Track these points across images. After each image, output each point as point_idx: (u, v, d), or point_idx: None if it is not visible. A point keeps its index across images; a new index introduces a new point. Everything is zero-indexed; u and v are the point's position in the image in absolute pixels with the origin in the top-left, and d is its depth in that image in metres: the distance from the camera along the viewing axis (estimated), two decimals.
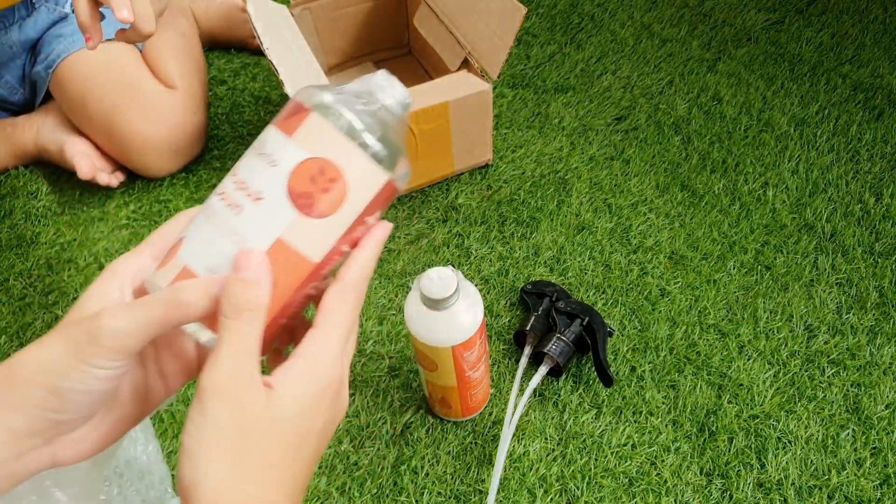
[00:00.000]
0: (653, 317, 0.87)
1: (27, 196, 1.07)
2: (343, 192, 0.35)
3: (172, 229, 0.39)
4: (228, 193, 0.35)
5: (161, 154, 1.04)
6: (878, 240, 0.94)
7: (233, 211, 0.35)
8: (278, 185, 0.35)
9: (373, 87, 0.37)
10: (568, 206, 1.00)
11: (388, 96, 0.37)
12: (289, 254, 0.35)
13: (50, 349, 0.34)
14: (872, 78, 1.15)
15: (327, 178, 0.35)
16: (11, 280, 0.96)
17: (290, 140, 0.35)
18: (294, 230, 0.35)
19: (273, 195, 0.35)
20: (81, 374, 0.33)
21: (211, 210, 0.36)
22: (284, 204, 0.35)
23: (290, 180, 0.35)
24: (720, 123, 1.10)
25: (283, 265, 0.35)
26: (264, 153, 0.36)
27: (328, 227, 0.36)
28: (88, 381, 0.33)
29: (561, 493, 0.73)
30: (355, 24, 1.19)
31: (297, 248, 0.35)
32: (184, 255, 0.35)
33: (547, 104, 1.16)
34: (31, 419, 0.34)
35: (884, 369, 0.81)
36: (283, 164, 0.35)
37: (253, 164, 0.36)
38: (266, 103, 1.20)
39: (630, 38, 1.27)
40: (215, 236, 0.35)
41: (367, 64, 1.24)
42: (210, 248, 0.35)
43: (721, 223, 0.97)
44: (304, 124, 0.35)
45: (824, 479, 0.73)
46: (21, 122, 1.10)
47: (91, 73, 1.03)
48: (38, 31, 1.08)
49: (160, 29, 1.15)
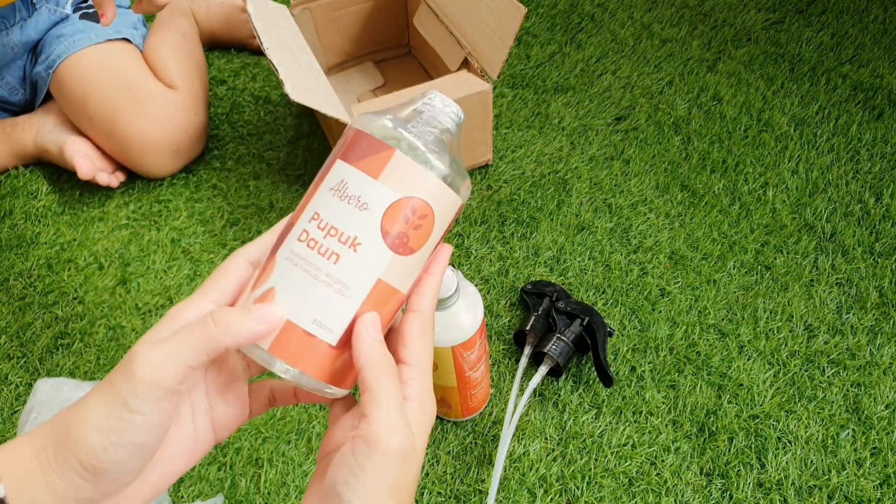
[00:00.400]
0: (653, 317, 0.87)
1: (27, 196, 1.07)
2: (431, 225, 0.37)
3: (228, 274, 0.38)
4: (318, 240, 0.35)
5: (161, 154, 1.04)
6: (878, 240, 0.94)
7: (329, 259, 0.35)
8: (373, 228, 0.35)
9: (437, 114, 0.38)
10: (568, 206, 1.00)
11: (449, 120, 0.38)
12: (386, 291, 0.36)
13: (91, 404, 0.33)
14: (872, 78, 1.15)
15: (418, 216, 0.36)
16: (11, 280, 0.96)
17: (378, 183, 0.35)
18: (391, 269, 0.36)
19: (369, 240, 0.35)
20: (121, 425, 0.32)
21: (300, 258, 0.35)
22: (380, 246, 0.35)
23: (383, 222, 0.35)
24: (720, 123, 1.10)
25: (382, 302, 0.36)
26: (350, 196, 0.35)
27: (417, 260, 0.37)
28: (129, 433, 0.32)
29: (561, 494, 0.73)
30: (355, 23, 1.19)
31: (393, 285, 0.36)
32: (281, 308, 0.35)
33: (547, 104, 1.16)
34: (75, 486, 0.33)
35: (884, 369, 0.81)
36: (375, 208, 0.35)
37: (338, 207, 0.35)
38: (266, 103, 1.20)
39: (630, 38, 1.27)
40: (315, 287, 0.35)
41: (367, 64, 1.24)
42: (312, 300, 0.35)
43: (721, 223, 0.97)
44: (389, 164, 0.35)
45: (824, 479, 0.73)
46: (21, 122, 1.10)
47: (91, 73, 1.03)
48: (38, 32, 1.08)
49: (160, 29, 1.15)
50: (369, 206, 0.35)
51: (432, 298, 0.38)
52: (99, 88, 1.02)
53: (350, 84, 1.21)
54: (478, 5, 0.94)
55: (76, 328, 0.91)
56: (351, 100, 1.18)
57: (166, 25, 1.17)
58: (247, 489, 0.75)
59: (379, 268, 0.35)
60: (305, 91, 0.86)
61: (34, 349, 0.89)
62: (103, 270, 0.97)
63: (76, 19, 1.08)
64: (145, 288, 0.95)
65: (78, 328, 0.91)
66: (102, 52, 1.06)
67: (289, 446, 0.78)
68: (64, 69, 1.04)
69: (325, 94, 0.91)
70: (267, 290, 0.35)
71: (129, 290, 0.95)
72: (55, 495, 0.33)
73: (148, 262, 0.98)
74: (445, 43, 1.03)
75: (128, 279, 0.96)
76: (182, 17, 1.20)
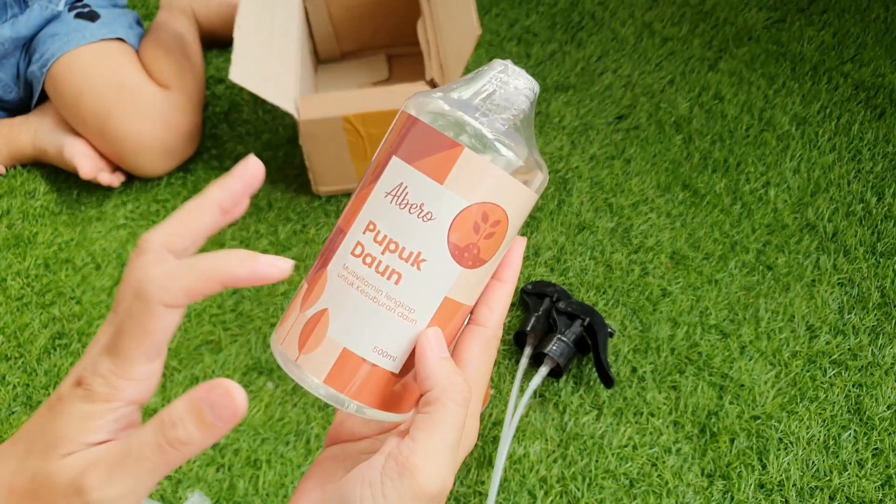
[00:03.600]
0: (654, 317, 0.86)
1: (25, 196, 1.07)
2: (505, 231, 0.32)
3: (152, 333, 0.29)
4: (376, 256, 0.31)
5: (153, 154, 1.04)
6: (879, 239, 0.93)
7: (390, 280, 0.31)
8: (440, 242, 0.31)
9: (510, 93, 0.32)
10: (568, 205, 1.00)
11: (523, 98, 0.32)
12: (453, 307, 0.32)
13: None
14: (874, 77, 1.14)
15: (491, 223, 0.31)
16: (9, 280, 0.96)
17: (443, 188, 0.30)
18: (459, 285, 0.32)
19: (436, 256, 0.31)
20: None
21: (356, 277, 0.31)
22: (448, 262, 0.31)
23: (450, 235, 0.31)
24: (721, 122, 1.10)
25: (447, 318, 0.32)
26: (411, 204, 0.31)
27: (487, 270, 0.33)
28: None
29: (561, 495, 0.73)
30: (369, 14, 1.19)
31: (460, 300, 0.32)
32: (336, 334, 0.31)
33: (547, 103, 1.15)
34: None
35: (885, 370, 0.81)
36: (442, 218, 0.30)
37: (397, 217, 0.31)
38: (264, 102, 1.20)
39: (631, 37, 1.26)
40: (376, 311, 0.31)
41: (379, 56, 1.24)
42: (372, 326, 0.31)
43: (722, 223, 0.96)
44: (457, 166, 0.30)
45: (826, 480, 0.73)
46: (18, 123, 1.10)
47: (85, 72, 1.03)
48: (30, 29, 1.07)
49: (157, 29, 1.15)
50: (434, 216, 0.30)
51: (502, 311, 0.34)
52: (92, 87, 1.02)
53: (353, 74, 1.22)
54: (447, 21, 0.94)
55: (74, 328, 0.90)
56: (348, 86, 1.19)
57: (164, 25, 1.16)
58: (245, 490, 0.75)
59: (446, 286, 0.31)
60: (253, 75, 0.85)
61: (32, 349, 0.88)
62: (101, 270, 0.97)
63: (71, 18, 1.08)
64: None
65: (76, 328, 0.90)
66: (96, 51, 1.05)
67: (287, 447, 0.78)
68: (58, 68, 1.04)
69: (279, 82, 0.91)
70: (319, 312, 0.31)
71: None
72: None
73: None
74: (429, 51, 1.03)
75: None
76: (182, 15, 1.19)
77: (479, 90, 0.32)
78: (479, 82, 0.33)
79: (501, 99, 0.32)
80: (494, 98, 0.32)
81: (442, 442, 0.30)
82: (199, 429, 0.28)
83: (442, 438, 0.30)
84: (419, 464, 0.29)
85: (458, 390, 0.30)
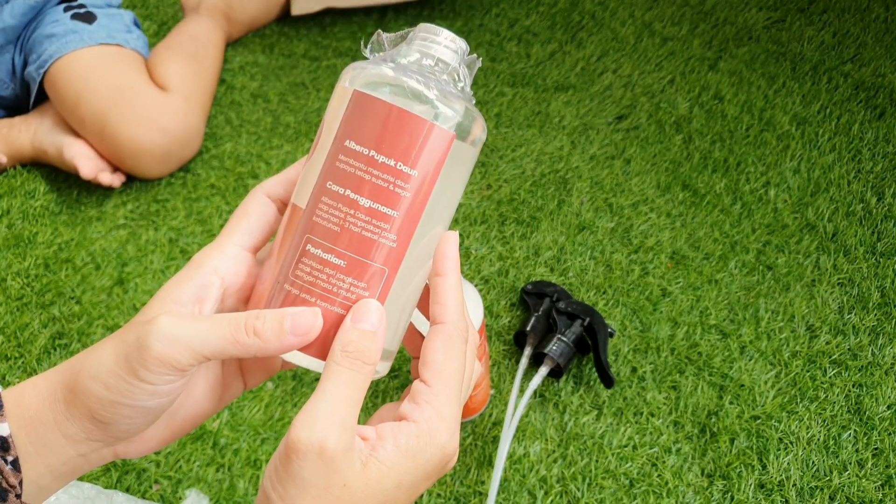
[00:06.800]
0: (654, 317, 0.86)
1: (25, 195, 1.07)
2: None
3: (249, 213, 0.36)
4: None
5: (151, 157, 1.03)
6: (879, 239, 0.93)
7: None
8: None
9: (441, 53, 0.34)
10: (568, 205, 1.00)
11: (452, 53, 0.35)
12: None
13: (102, 358, 0.32)
14: (874, 77, 1.14)
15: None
16: (9, 280, 0.96)
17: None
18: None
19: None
20: (129, 388, 0.31)
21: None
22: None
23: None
24: (721, 122, 1.10)
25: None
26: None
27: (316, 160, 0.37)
28: (137, 397, 0.32)
29: (561, 495, 0.73)
30: None
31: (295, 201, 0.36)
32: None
33: (547, 103, 1.15)
34: (87, 429, 0.33)
35: (886, 370, 0.81)
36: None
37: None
38: (265, 102, 1.20)
39: (631, 37, 1.26)
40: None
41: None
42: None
43: (722, 223, 0.96)
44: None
45: (826, 480, 0.73)
46: (17, 123, 1.10)
47: (84, 74, 1.03)
48: (16, 18, 1.06)
49: (173, 32, 1.16)
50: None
51: (455, 304, 0.34)
52: (91, 90, 1.02)
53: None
54: None
55: (74, 328, 0.90)
56: None
57: (180, 27, 1.18)
58: (245, 490, 0.75)
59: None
60: None
61: (32, 349, 0.88)
62: (101, 270, 0.97)
63: (67, 18, 1.07)
64: (143, 288, 0.94)
65: (75, 328, 0.90)
66: (95, 54, 1.05)
67: None
68: (56, 71, 1.03)
69: None
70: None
71: (126, 290, 0.94)
72: (66, 436, 0.33)
73: (146, 262, 0.97)
74: None
75: (125, 279, 0.95)
76: (208, 17, 1.20)
77: (414, 54, 0.34)
78: (412, 47, 0.35)
79: (435, 60, 0.34)
80: (428, 59, 0.34)
81: (349, 400, 0.32)
82: (274, 331, 0.31)
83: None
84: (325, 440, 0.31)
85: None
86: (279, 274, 0.34)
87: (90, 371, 0.32)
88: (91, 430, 0.33)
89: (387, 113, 0.33)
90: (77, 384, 0.32)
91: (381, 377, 0.36)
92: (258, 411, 0.80)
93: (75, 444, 0.33)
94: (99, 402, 0.32)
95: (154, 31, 1.32)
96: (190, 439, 0.78)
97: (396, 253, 0.33)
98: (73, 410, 0.32)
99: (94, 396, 0.32)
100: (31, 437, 0.33)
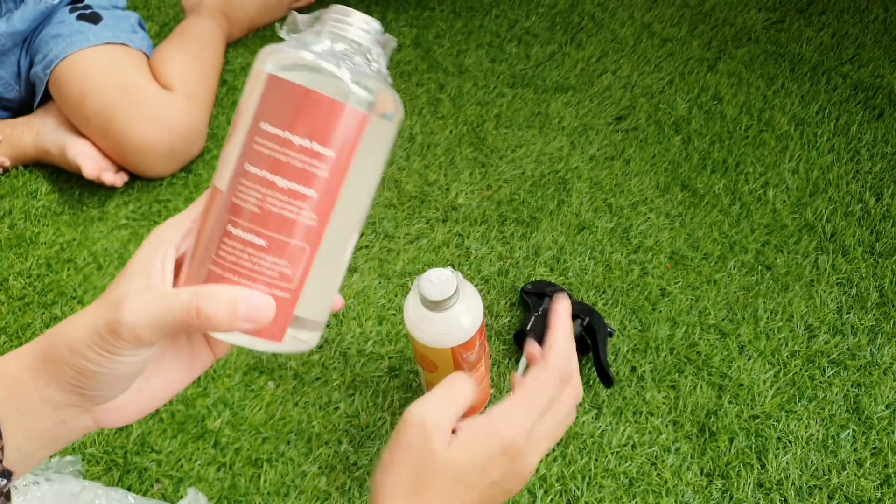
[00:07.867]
0: (653, 317, 0.87)
1: (27, 196, 1.07)
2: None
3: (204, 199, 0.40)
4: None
5: (156, 156, 1.04)
6: (878, 240, 0.93)
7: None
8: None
9: (353, 34, 0.35)
10: (568, 205, 1.00)
11: (364, 33, 0.36)
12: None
13: (76, 329, 0.35)
14: (873, 78, 1.15)
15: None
16: (11, 279, 0.96)
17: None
18: None
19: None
20: (102, 359, 0.34)
21: None
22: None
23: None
24: (721, 123, 1.10)
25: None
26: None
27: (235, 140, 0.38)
28: (110, 366, 0.34)
29: (561, 494, 0.73)
30: None
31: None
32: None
33: (547, 104, 1.16)
34: (65, 393, 0.35)
35: (884, 369, 0.81)
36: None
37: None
38: None
39: (630, 38, 1.27)
40: None
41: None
42: None
43: (721, 223, 0.97)
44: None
45: (824, 480, 0.73)
46: (20, 123, 1.10)
47: (89, 74, 1.03)
48: (26, 23, 1.07)
49: (175, 32, 1.17)
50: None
51: (560, 349, 0.47)
52: (96, 89, 1.02)
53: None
54: None
55: None
56: None
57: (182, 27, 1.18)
58: (246, 489, 0.75)
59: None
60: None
61: None
62: (102, 270, 0.97)
63: (73, 19, 1.08)
64: None
65: None
66: (100, 53, 1.05)
67: (288, 446, 0.78)
68: (61, 70, 1.04)
69: None
70: None
71: None
72: (46, 400, 0.35)
73: None
74: None
75: None
76: (208, 17, 1.20)
77: (326, 36, 0.35)
78: (325, 29, 0.35)
79: (347, 41, 0.35)
80: (340, 41, 0.35)
81: (454, 401, 0.44)
82: (226, 315, 0.33)
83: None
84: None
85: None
86: (203, 255, 0.35)
87: (67, 342, 0.35)
88: (70, 396, 0.35)
89: (300, 95, 0.33)
90: (55, 354, 0.35)
91: (311, 348, 0.39)
92: (259, 411, 0.81)
93: (56, 410, 0.36)
94: (75, 369, 0.35)
95: (156, 32, 1.32)
96: (191, 438, 0.79)
97: (316, 231, 0.35)
98: (52, 377, 0.35)
99: (70, 365, 0.35)
100: (13, 400, 0.35)
